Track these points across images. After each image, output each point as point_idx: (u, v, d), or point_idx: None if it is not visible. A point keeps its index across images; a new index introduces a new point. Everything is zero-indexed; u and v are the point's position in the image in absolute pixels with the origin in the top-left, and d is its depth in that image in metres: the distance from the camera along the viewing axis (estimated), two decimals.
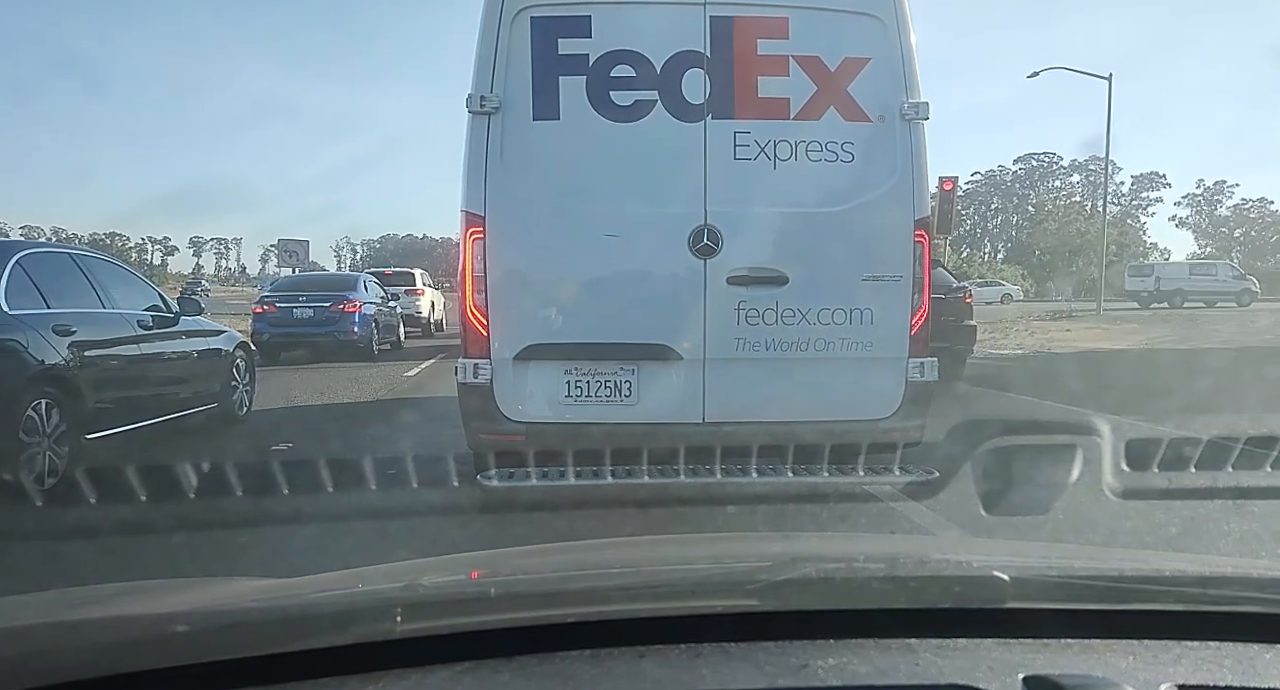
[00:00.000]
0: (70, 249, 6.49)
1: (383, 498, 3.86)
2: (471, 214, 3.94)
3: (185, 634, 0.97)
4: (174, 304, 6.77)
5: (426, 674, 0.93)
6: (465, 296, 4.00)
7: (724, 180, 3.96)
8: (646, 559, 1.48)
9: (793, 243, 4.08)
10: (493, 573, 1.37)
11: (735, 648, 0.98)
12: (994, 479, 3.69)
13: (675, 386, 4.01)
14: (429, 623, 0.97)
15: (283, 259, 28.53)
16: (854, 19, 4.05)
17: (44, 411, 4.86)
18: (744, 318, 4.00)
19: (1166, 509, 4.12)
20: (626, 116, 3.96)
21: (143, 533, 3.60)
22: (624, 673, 0.94)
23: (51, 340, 5.06)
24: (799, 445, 3.83)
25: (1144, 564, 1.42)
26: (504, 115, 3.93)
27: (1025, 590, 1.06)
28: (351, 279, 15.59)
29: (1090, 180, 74.95)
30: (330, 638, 0.95)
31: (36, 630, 1.08)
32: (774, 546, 1.70)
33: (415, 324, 19.07)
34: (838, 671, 0.93)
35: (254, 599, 1.19)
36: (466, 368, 3.97)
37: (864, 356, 4.05)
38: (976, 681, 0.91)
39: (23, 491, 4.53)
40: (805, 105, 4.01)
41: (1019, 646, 1.00)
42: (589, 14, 3.95)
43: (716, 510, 4.01)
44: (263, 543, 3.73)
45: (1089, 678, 0.92)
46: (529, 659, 0.95)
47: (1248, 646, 1.03)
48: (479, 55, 3.94)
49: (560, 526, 3.72)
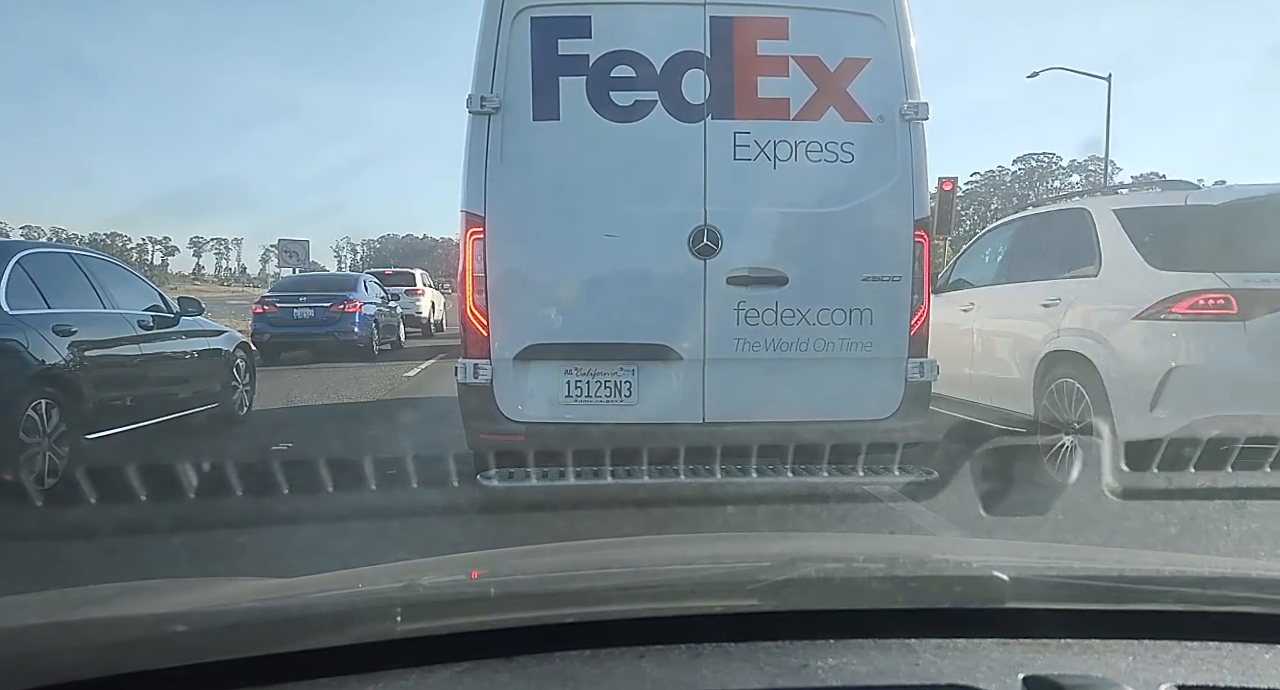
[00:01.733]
0: (70, 249, 6.49)
1: (383, 498, 3.86)
2: (471, 214, 3.94)
3: (185, 634, 0.97)
4: (174, 304, 6.77)
5: (426, 674, 0.93)
6: (465, 296, 4.00)
7: (724, 180, 3.97)
8: (646, 559, 1.48)
9: (792, 243, 4.08)
10: (492, 573, 1.37)
11: (735, 648, 0.98)
12: (994, 479, 3.69)
13: (675, 387, 4.01)
14: (429, 623, 0.97)
15: (283, 259, 28.55)
16: (854, 19, 4.05)
17: (44, 411, 4.87)
18: (744, 318, 4.00)
19: (1166, 509, 4.12)
20: (626, 117, 3.96)
21: (142, 533, 3.60)
22: (624, 673, 0.94)
23: (52, 340, 5.06)
24: (799, 445, 3.83)
25: (1144, 564, 1.42)
26: (504, 115, 3.93)
27: (1025, 590, 1.06)
28: (352, 279, 15.60)
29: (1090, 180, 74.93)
30: (330, 638, 0.95)
31: (36, 630, 1.08)
32: (774, 546, 1.70)
33: (415, 324, 19.08)
34: (837, 672, 0.93)
35: (254, 599, 1.19)
36: (466, 368, 3.97)
37: (864, 357, 4.05)
38: (976, 682, 0.91)
39: (23, 491, 4.53)
40: (805, 105, 4.01)
41: (1019, 647, 1.00)
42: (589, 14, 3.95)
43: (716, 510, 4.01)
44: (262, 543, 3.73)
45: (1089, 678, 0.92)
46: (529, 659, 0.95)
47: (1247, 647, 1.03)
48: (479, 55, 3.94)
49: (560, 526, 3.72)
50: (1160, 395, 4.43)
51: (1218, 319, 4.37)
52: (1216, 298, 4.35)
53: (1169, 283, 4.53)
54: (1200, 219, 4.74)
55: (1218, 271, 4.41)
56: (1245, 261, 4.40)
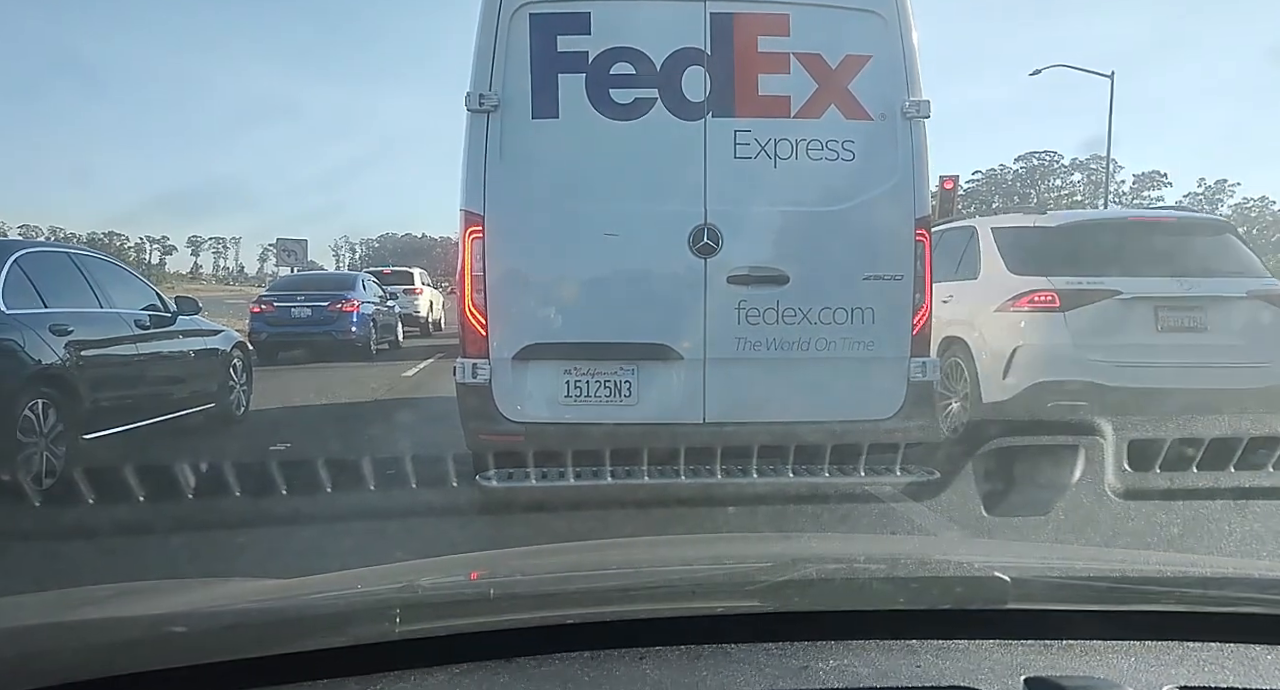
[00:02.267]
0: (68, 248, 6.48)
1: (381, 498, 3.85)
2: (470, 213, 3.93)
3: (183, 635, 0.97)
4: (171, 303, 6.77)
5: (425, 675, 0.93)
6: (464, 296, 3.99)
7: (724, 179, 3.96)
8: (646, 560, 1.48)
9: (793, 242, 4.08)
10: (491, 574, 1.37)
11: (735, 649, 0.98)
12: (995, 479, 3.69)
13: (675, 386, 4.01)
14: (427, 624, 0.97)
15: (281, 258, 28.58)
16: (855, 16, 4.04)
17: (41, 411, 4.86)
18: (744, 317, 3.99)
19: (1168, 509, 4.11)
20: (626, 114, 3.95)
21: (141, 533, 3.59)
22: (623, 674, 0.93)
23: (49, 340, 5.05)
24: (800, 445, 3.82)
25: (1146, 565, 1.42)
26: (503, 113, 3.92)
27: (1027, 591, 1.06)
28: (350, 278, 15.60)
29: (1092, 179, 74.97)
30: (328, 639, 0.95)
31: (35, 631, 1.08)
32: (774, 547, 1.69)
33: (414, 323, 19.07)
34: (838, 673, 0.93)
35: (252, 600, 1.19)
36: (465, 367, 3.96)
37: (865, 356, 4.04)
38: (978, 683, 0.91)
39: (20, 492, 4.52)
40: (806, 103, 4.00)
41: (1020, 648, 1.00)
42: (588, 11, 3.94)
43: (717, 511, 4.00)
44: (261, 543, 3.72)
45: (1090, 679, 0.92)
46: (528, 660, 0.95)
47: (1249, 647, 1.02)
48: (478, 53, 3.93)
49: (560, 527, 3.71)
50: (1009, 368, 5.92)
51: (1046, 311, 5.79)
52: (1045, 295, 5.81)
53: (1016, 284, 6.00)
54: (1044, 237, 6.23)
55: (1049, 276, 5.86)
56: (1069, 268, 5.83)
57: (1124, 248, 6.04)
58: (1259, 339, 5.75)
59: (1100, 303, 5.67)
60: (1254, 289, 5.86)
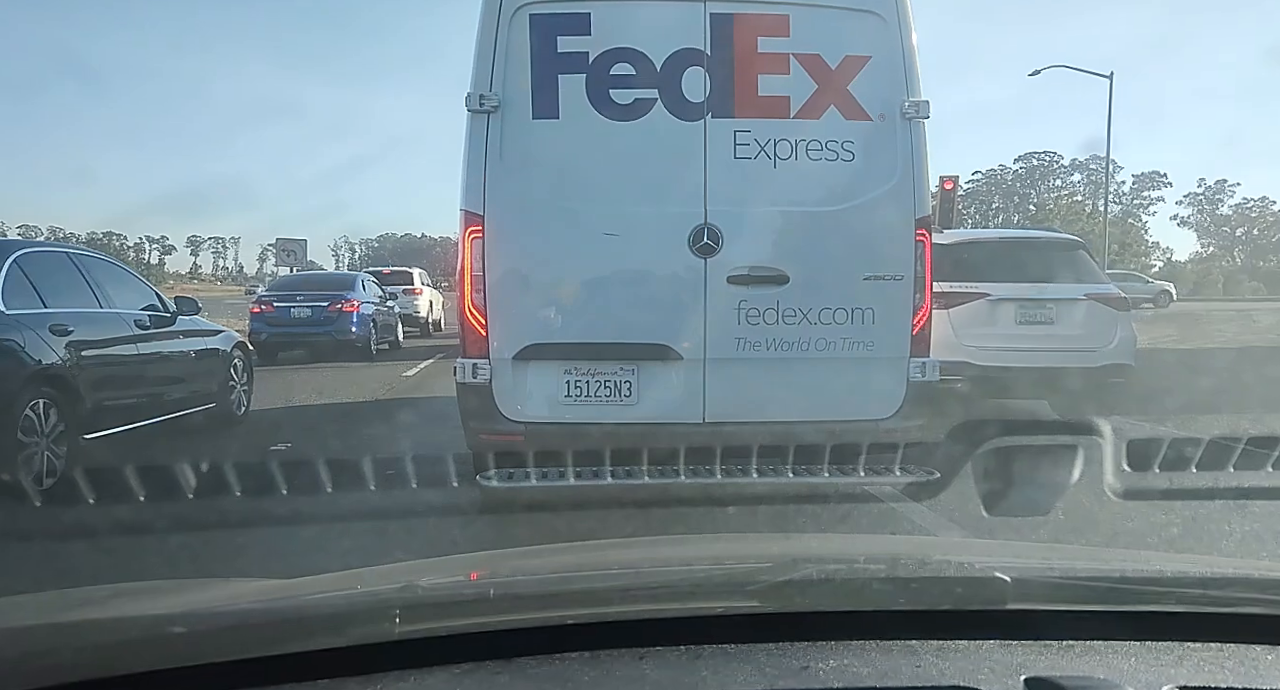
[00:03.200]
0: (68, 248, 6.49)
1: (382, 498, 3.84)
2: (470, 213, 3.93)
3: (183, 635, 0.97)
4: (171, 303, 6.77)
5: (425, 675, 0.93)
6: (464, 296, 3.99)
7: (724, 179, 3.96)
8: (646, 560, 1.48)
9: (793, 242, 4.08)
10: (491, 574, 1.37)
11: (735, 649, 0.97)
12: (995, 479, 3.68)
13: (675, 386, 4.01)
14: (427, 624, 0.97)
15: (280, 258, 28.58)
16: (855, 16, 4.04)
17: (42, 411, 4.86)
18: (744, 317, 3.99)
19: (1168, 510, 4.12)
20: (626, 115, 3.95)
21: (141, 533, 3.59)
22: (623, 674, 0.93)
23: (49, 340, 5.05)
24: (799, 445, 3.82)
25: (1145, 565, 1.42)
26: (503, 114, 3.92)
27: (1027, 591, 1.06)
28: (349, 278, 15.58)
29: (1091, 179, 75.08)
30: (328, 639, 0.95)
31: (35, 631, 1.08)
32: (774, 547, 1.69)
33: (413, 323, 19.02)
34: (839, 673, 0.93)
35: (252, 600, 1.18)
36: (465, 367, 3.96)
37: (865, 356, 4.04)
38: (978, 683, 0.91)
39: (21, 492, 4.52)
40: (806, 104, 4.00)
41: (1020, 648, 1.00)
42: (588, 11, 3.94)
43: (717, 511, 4.00)
44: (261, 543, 3.72)
45: (1090, 679, 0.92)
46: (528, 660, 0.95)
47: (1249, 648, 1.02)
48: (478, 53, 3.93)
49: (560, 527, 3.71)
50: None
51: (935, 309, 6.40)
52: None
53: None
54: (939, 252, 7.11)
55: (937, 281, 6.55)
56: (954, 276, 6.99)
57: (995, 260, 7.65)
58: (1092, 330, 7.32)
59: (974, 302, 7.23)
60: (1090, 292, 7.42)
